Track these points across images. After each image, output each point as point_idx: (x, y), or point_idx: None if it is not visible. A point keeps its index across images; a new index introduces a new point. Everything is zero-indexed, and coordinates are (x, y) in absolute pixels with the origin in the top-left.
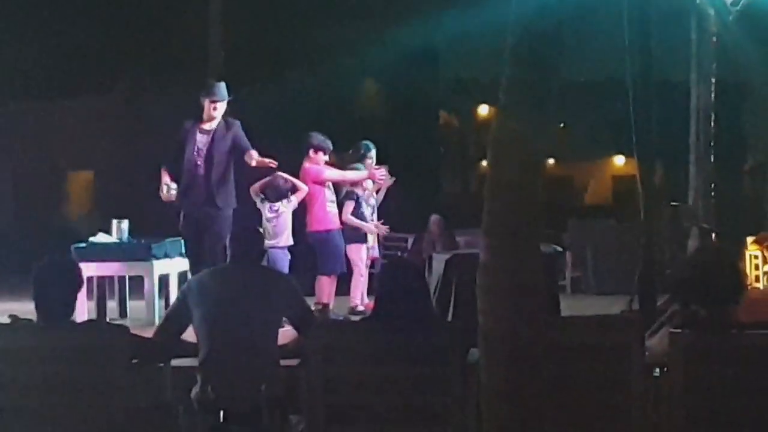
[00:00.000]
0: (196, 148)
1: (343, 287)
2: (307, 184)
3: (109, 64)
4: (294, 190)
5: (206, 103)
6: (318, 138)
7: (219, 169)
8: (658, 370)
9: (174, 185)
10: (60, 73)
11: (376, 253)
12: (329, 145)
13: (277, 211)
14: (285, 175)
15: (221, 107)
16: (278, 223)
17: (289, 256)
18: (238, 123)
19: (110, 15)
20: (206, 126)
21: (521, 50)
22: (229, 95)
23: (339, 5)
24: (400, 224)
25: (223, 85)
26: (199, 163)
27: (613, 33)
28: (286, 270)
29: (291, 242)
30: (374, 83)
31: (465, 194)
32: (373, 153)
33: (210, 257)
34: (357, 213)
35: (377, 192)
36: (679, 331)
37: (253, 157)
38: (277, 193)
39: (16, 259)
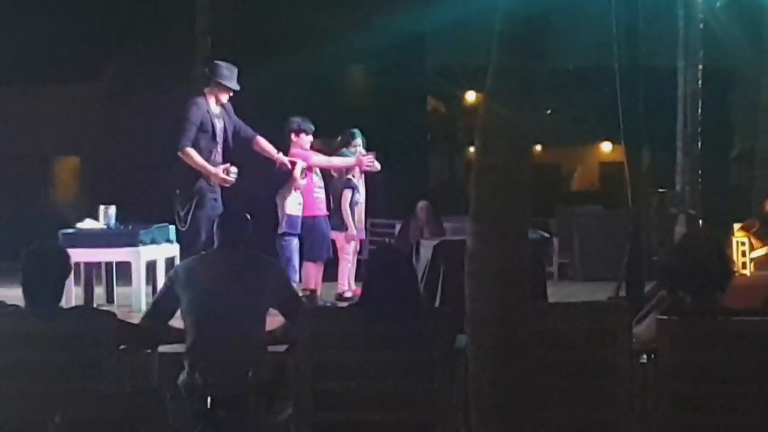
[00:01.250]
0: (215, 133)
1: (331, 273)
2: (293, 170)
3: (96, 50)
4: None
5: (220, 89)
6: (296, 121)
7: (228, 154)
8: (645, 356)
9: (234, 168)
10: (46, 60)
11: (362, 235)
12: (310, 125)
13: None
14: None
15: None
16: None
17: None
18: (231, 107)
19: (98, 1)
20: (215, 110)
21: (509, 36)
22: None
23: None
24: (387, 210)
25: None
26: (219, 149)
27: (600, 19)
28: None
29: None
30: (361, 69)
31: (452, 180)
32: (359, 140)
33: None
34: (352, 201)
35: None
36: (667, 317)
37: (261, 144)
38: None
39: (2, 246)
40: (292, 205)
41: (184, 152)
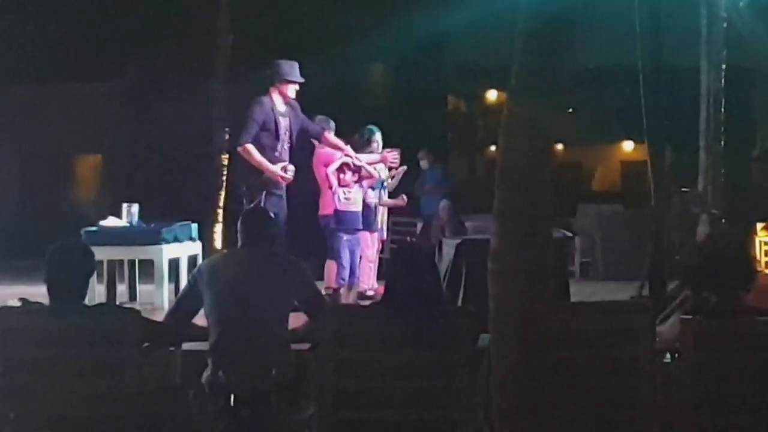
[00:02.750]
0: (278, 131)
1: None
2: (318, 168)
3: (118, 48)
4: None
5: (285, 84)
6: (316, 119)
7: (293, 152)
8: (668, 356)
9: (291, 166)
10: (68, 58)
11: (384, 235)
12: (331, 123)
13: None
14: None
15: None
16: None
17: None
18: (298, 105)
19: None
20: (281, 108)
21: (532, 35)
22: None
23: None
24: (408, 209)
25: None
26: (285, 146)
27: (623, 18)
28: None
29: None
30: (382, 68)
31: (473, 179)
32: (377, 136)
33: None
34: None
35: (392, 178)
36: (690, 317)
37: (329, 140)
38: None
39: (25, 244)
40: (343, 201)
41: (244, 149)
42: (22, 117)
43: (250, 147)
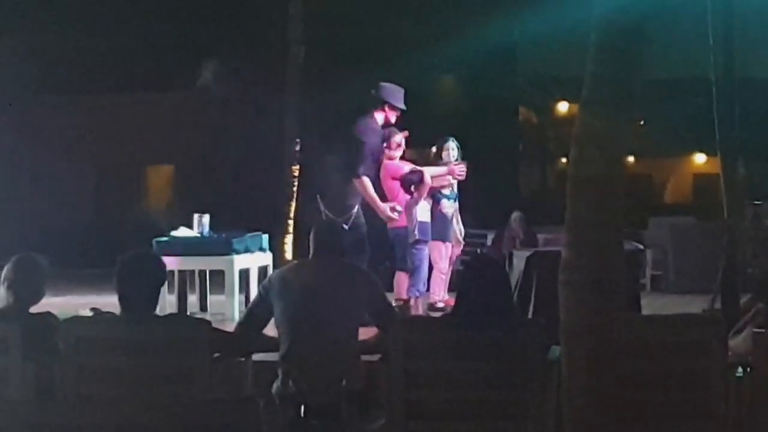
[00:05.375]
0: (376, 153)
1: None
2: (385, 180)
3: (190, 58)
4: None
5: (391, 109)
6: (387, 130)
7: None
8: (741, 369)
9: (399, 207)
10: (142, 68)
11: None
12: (398, 137)
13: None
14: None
15: None
16: None
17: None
18: None
19: (193, 10)
20: (378, 129)
21: (604, 47)
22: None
23: (418, 1)
24: (478, 220)
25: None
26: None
27: (696, 30)
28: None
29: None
30: (452, 79)
31: (543, 191)
32: (452, 144)
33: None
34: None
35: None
36: (763, 330)
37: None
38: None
39: (97, 253)
40: (423, 212)
41: (361, 181)
42: (97, 126)
43: (366, 181)
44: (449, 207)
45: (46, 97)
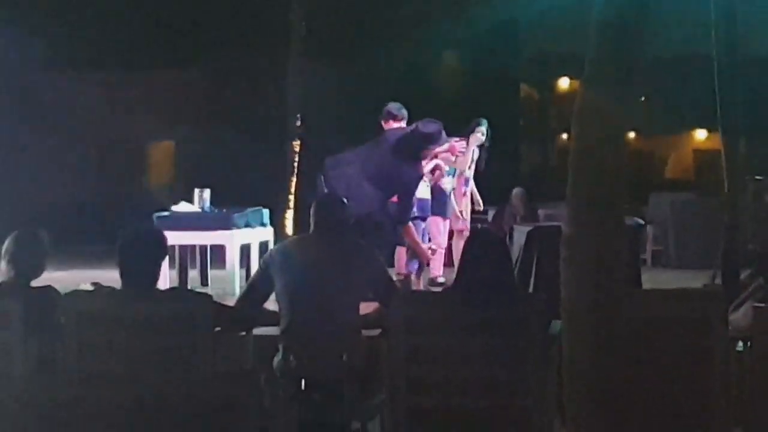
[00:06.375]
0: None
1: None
2: None
3: (192, 37)
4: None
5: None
6: (389, 106)
7: None
8: (741, 344)
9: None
10: (143, 45)
11: (468, 225)
12: (404, 112)
13: None
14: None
15: None
16: None
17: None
18: None
19: None
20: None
21: (606, 23)
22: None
23: None
24: (479, 196)
25: None
26: None
27: (698, 7)
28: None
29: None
30: (454, 56)
31: (545, 167)
32: (484, 128)
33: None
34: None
35: (469, 167)
36: (763, 305)
37: None
38: None
39: (98, 228)
40: (422, 189)
41: (407, 228)
42: (97, 103)
43: (412, 228)
44: (448, 183)
45: (48, 74)
